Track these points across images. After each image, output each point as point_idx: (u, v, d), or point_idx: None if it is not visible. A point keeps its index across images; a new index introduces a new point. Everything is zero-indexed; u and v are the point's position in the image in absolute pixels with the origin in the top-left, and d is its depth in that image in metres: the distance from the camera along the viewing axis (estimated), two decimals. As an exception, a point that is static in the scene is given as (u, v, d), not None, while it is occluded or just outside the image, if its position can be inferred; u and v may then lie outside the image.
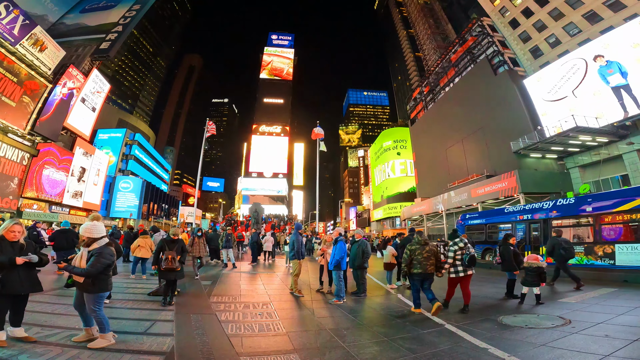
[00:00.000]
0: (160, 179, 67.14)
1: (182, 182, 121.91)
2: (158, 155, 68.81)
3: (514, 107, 25.03)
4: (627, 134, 18.50)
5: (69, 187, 30.90)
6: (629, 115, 18.02)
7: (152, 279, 8.49)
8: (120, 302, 5.97)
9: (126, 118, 75.74)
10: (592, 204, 9.90)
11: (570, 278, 8.06)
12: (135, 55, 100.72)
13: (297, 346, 4.03)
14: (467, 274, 5.86)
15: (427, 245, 5.95)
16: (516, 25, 28.78)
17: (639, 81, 17.53)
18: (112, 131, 52.25)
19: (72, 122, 30.63)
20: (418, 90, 47.07)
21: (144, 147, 58.12)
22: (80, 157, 32.65)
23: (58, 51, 26.63)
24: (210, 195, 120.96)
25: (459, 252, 5.90)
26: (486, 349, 3.82)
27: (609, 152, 19.28)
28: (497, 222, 14.10)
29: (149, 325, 4.66)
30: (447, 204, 26.73)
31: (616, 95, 18.63)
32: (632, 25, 18.20)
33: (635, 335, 3.96)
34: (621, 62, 18.39)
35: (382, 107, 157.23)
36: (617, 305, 5.80)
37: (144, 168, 56.98)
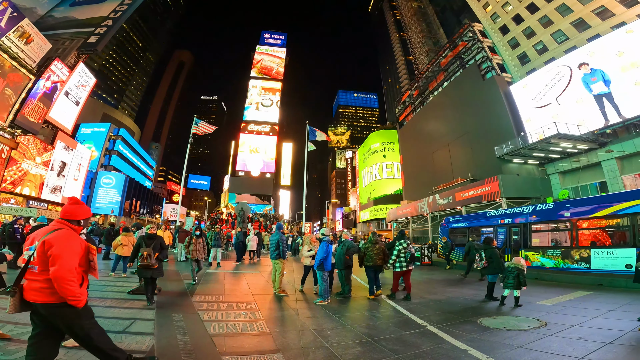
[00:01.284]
0: (144, 176, 65.82)
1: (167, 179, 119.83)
2: (143, 151, 67.42)
3: (499, 113, 25.56)
4: (607, 141, 19.09)
5: (48, 182, 29.94)
6: (610, 124, 18.60)
7: (132, 277, 8.31)
8: (98, 301, 5.83)
9: (111, 113, 73.93)
10: (570, 209, 10.23)
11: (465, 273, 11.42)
12: (124, 50, 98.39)
13: (280, 346, 4.03)
14: (408, 269, 7.28)
15: (378, 243, 7.63)
16: (506, 31, 29.28)
17: (622, 90, 18.02)
18: (95, 125, 50.95)
19: (55, 115, 29.69)
20: (407, 94, 47.58)
21: (128, 143, 56.86)
22: (61, 151, 31.67)
23: (44, 44, 26.06)
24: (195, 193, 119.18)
25: (403, 251, 7.27)
26: (466, 350, 3.91)
27: (588, 159, 19.92)
28: (480, 226, 14.40)
29: (128, 324, 4.57)
30: (432, 206, 27.12)
31: (598, 103, 19.20)
32: (618, 34, 18.70)
33: (608, 338, 4.10)
34: (605, 71, 18.91)
35: (371, 109, 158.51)
36: (592, 308, 6.01)
37: (127, 164, 55.74)
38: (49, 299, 2.51)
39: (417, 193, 35.02)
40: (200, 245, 8.48)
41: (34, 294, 2.52)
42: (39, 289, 2.52)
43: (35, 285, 2.53)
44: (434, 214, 27.12)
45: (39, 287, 2.52)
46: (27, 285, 2.55)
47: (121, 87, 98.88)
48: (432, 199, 27.34)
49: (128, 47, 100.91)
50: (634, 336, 4.14)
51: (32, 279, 2.55)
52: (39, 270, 2.55)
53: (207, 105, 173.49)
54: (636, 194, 8.77)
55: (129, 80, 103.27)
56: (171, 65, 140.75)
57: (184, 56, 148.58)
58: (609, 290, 7.93)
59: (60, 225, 2.77)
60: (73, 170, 34.09)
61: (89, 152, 38.58)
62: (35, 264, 2.55)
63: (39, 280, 2.54)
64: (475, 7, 33.30)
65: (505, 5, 29.56)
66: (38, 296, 2.52)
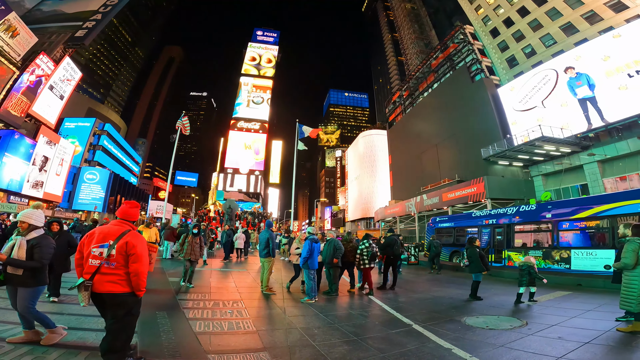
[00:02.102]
0: (130, 172, 64.52)
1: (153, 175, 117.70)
2: (128, 147, 66.06)
3: (486, 115, 26.02)
4: (589, 145, 19.61)
5: (29, 177, 29.05)
6: (592, 127, 19.10)
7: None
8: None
9: (96, 107, 72.26)
10: (552, 211, 10.50)
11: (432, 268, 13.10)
12: (112, 44, 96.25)
13: (267, 345, 4.02)
14: (370, 266, 7.97)
15: (352, 242, 8.51)
16: (496, 34, 29.66)
17: (606, 94, 18.47)
18: (80, 120, 49.77)
19: (38, 109, 28.87)
20: (398, 94, 47.97)
21: (114, 138, 55.66)
22: (43, 145, 30.80)
23: (30, 38, 25.53)
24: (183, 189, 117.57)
25: (365, 250, 7.92)
26: (450, 349, 3.98)
27: (571, 162, 20.47)
28: (465, 226, 14.65)
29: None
30: (420, 206, 27.45)
31: (582, 107, 19.67)
32: (605, 38, 19.08)
33: (586, 337, 4.21)
34: (590, 75, 19.32)
35: (362, 108, 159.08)
36: (571, 308, 6.18)
37: (112, 159, 54.56)
38: (122, 289, 2.91)
39: (405, 193, 35.39)
40: (196, 245, 7.76)
41: (109, 285, 2.87)
42: (115, 281, 2.89)
43: (112, 277, 2.88)
44: (421, 213, 27.45)
45: (116, 280, 2.89)
46: (101, 278, 2.87)
47: (108, 81, 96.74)
48: (420, 199, 27.67)
49: (117, 41, 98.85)
50: (612, 336, 4.27)
51: (107, 273, 2.88)
52: (116, 265, 2.92)
53: (196, 102, 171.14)
54: (616, 197, 9.06)
55: (117, 75, 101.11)
56: (160, 60, 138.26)
57: (174, 52, 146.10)
58: (588, 290, 8.17)
59: (127, 226, 3.15)
60: (55, 165, 33.20)
61: (72, 146, 37.58)
62: (113, 260, 2.91)
63: (117, 274, 2.91)
64: (468, 10, 33.70)
65: (496, 9, 29.97)
66: (113, 287, 2.87)
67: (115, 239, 2.97)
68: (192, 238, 7.74)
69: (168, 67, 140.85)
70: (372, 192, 61.44)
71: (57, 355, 3.24)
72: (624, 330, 4.37)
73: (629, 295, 4.25)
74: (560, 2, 24.01)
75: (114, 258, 2.91)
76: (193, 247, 7.64)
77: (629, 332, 4.29)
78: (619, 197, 8.96)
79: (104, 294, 2.87)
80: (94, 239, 2.98)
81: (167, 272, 9.18)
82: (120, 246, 2.93)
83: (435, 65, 37.49)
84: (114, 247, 2.93)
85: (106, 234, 3.00)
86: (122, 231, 3.04)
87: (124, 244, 2.95)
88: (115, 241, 2.96)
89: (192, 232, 7.97)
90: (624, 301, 4.33)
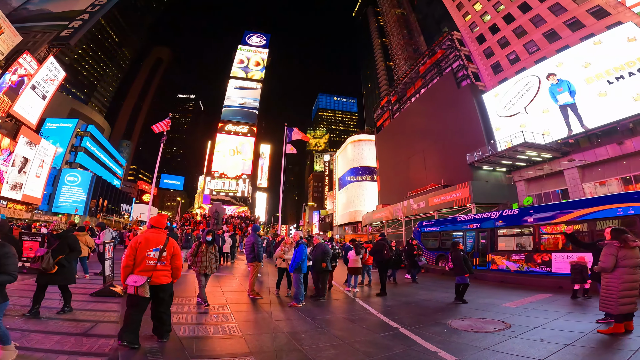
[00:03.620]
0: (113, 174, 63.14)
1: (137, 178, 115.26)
2: (112, 149, 64.69)
3: (472, 121, 26.50)
4: (570, 150, 20.20)
5: (8, 178, 28.03)
6: (573, 133, 19.69)
7: (95, 279, 7.90)
8: (58, 303, 5.49)
9: (79, 108, 70.49)
10: (534, 215, 10.77)
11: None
12: (98, 44, 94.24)
13: (253, 349, 3.96)
14: (332, 268, 8.46)
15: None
16: (482, 40, 30.16)
17: (586, 100, 19.03)
18: (62, 121, 48.53)
19: (19, 109, 28.04)
20: (386, 99, 48.42)
21: (97, 140, 54.45)
22: (23, 146, 29.85)
23: (15, 36, 24.96)
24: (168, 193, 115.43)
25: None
26: (436, 352, 4.00)
27: (552, 167, 21.05)
28: (450, 230, 14.86)
29: (90, 327, 4.37)
30: (407, 211, 27.71)
31: (563, 114, 20.24)
32: (586, 45, 19.62)
33: (567, 339, 4.30)
34: (572, 81, 19.84)
35: (350, 113, 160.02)
36: (553, 310, 6.31)
37: (95, 161, 53.28)
38: (169, 280, 4.05)
39: (393, 197, 35.67)
40: (211, 255, 6.47)
41: (163, 279, 3.95)
42: (166, 275, 4.01)
43: (165, 272, 3.99)
44: (408, 218, 27.72)
45: (167, 274, 4.03)
46: (157, 273, 3.88)
47: (92, 82, 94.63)
48: (407, 203, 27.94)
49: (103, 41, 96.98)
50: (592, 338, 4.37)
51: (162, 269, 3.95)
52: (167, 263, 4.02)
53: (183, 104, 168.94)
54: (595, 202, 9.35)
55: (102, 75, 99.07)
56: (148, 61, 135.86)
57: (162, 53, 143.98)
58: (569, 292, 8.36)
59: (163, 232, 4.19)
60: (35, 166, 32.17)
61: (53, 148, 36.54)
62: (164, 259, 3.98)
63: (167, 269, 4.04)
64: (456, 16, 34.29)
65: (483, 15, 30.56)
66: (165, 279, 3.98)
67: (164, 243, 4.01)
68: (206, 247, 6.49)
69: (155, 69, 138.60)
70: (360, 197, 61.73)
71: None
72: (604, 332, 4.46)
73: (609, 297, 4.35)
74: (544, 9, 24.49)
75: (166, 258, 4.00)
76: (208, 258, 6.40)
77: (609, 334, 4.38)
78: (597, 202, 9.25)
79: (160, 285, 3.91)
80: (147, 245, 3.92)
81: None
82: (169, 248, 4.05)
83: (423, 70, 37.99)
84: (164, 250, 3.98)
85: (150, 239, 3.97)
86: (166, 238, 4.09)
87: (172, 247, 4.09)
88: (164, 245, 3.99)
89: (205, 239, 6.57)
90: (604, 303, 4.43)
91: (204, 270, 6.30)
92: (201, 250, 6.44)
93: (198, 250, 6.49)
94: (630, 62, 17.45)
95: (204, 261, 6.34)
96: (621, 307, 4.25)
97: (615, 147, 18.03)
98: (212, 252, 6.46)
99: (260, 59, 78.48)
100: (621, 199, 8.79)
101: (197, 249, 6.52)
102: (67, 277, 5.08)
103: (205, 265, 6.32)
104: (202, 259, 6.35)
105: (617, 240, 4.39)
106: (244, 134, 69.85)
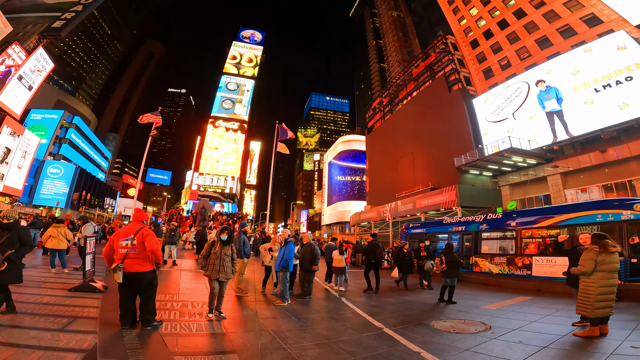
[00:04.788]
0: (98, 167, 61.71)
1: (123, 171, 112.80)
2: (98, 142, 63.23)
3: (461, 125, 26.80)
4: (554, 157, 20.64)
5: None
6: (557, 140, 20.12)
7: (75, 274, 7.71)
8: (35, 298, 5.35)
9: (66, 100, 68.66)
10: (516, 219, 10.99)
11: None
12: (90, 36, 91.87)
13: (237, 347, 3.94)
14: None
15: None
16: (476, 45, 30.41)
17: (573, 108, 19.39)
18: (47, 112, 47.24)
19: (4, 99, 27.31)
20: (378, 100, 48.59)
21: (83, 132, 53.19)
22: (6, 137, 29.01)
23: (5, 27, 24.45)
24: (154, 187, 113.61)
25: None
26: (419, 352, 4.06)
27: (536, 173, 21.54)
28: (436, 232, 15.05)
29: (67, 322, 4.26)
30: (394, 212, 27.94)
31: (549, 120, 20.63)
32: (577, 53, 19.89)
33: (544, 342, 4.41)
34: (560, 88, 20.14)
35: (342, 113, 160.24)
36: (531, 312, 6.46)
37: (79, 154, 52.01)
38: (143, 268, 4.25)
39: (381, 198, 35.89)
40: (227, 257, 5.39)
41: (135, 267, 4.19)
42: (139, 263, 4.23)
43: (137, 261, 4.22)
44: (395, 219, 27.94)
45: (139, 262, 4.24)
46: (129, 262, 4.18)
47: (81, 74, 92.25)
48: (395, 205, 28.16)
49: (95, 33, 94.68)
50: (568, 340, 4.49)
51: (133, 258, 4.21)
52: (138, 251, 4.26)
53: (174, 98, 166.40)
54: (575, 207, 9.61)
55: (91, 67, 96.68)
56: (140, 54, 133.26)
57: (154, 46, 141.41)
58: (547, 295, 8.58)
59: (140, 224, 4.52)
60: (18, 157, 31.31)
61: (36, 139, 35.53)
62: (135, 248, 4.24)
63: (139, 257, 4.25)
64: (452, 21, 34.54)
65: (478, 20, 30.85)
66: (137, 267, 4.21)
67: (134, 233, 4.30)
68: (221, 248, 5.38)
69: (147, 62, 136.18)
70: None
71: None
72: (580, 335, 4.58)
73: (586, 301, 4.47)
74: (539, 16, 24.79)
75: (136, 247, 4.23)
76: (223, 262, 5.32)
77: (585, 336, 4.50)
78: (578, 208, 9.50)
79: (134, 273, 4.17)
80: (119, 236, 4.33)
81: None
82: (138, 238, 4.27)
83: (416, 73, 38.23)
84: (134, 239, 4.25)
85: (126, 232, 4.34)
86: (138, 229, 4.37)
87: (140, 235, 4.29)
88: (134, 235, 4.28)
89: (219, 238, 5.46)
90: (581, 306, 4.55)
91: (216, 276, 5.24)
92: (215, 251, 5.38)
93: (211, 250, 5.44)
94: (618, 70, 17.75)
95: (217, 265, 5.26)
96: (597, 310, 4.38)
97: (598, 154, 18.47)
98: (227, 254, 5.41)
99: (254, 55, 77.92)
100: (601, 205, 9.04)
101: (209, 249, 5.47)
102: (17, 275, 4.51)
103: (218, 269, 5.25)
104: (216, 261, 5.28)
105: (598, 245, 4.51)
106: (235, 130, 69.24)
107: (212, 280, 5.28)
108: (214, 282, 5.27)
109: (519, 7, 26.69)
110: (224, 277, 5.27)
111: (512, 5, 27.53)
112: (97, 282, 6.51)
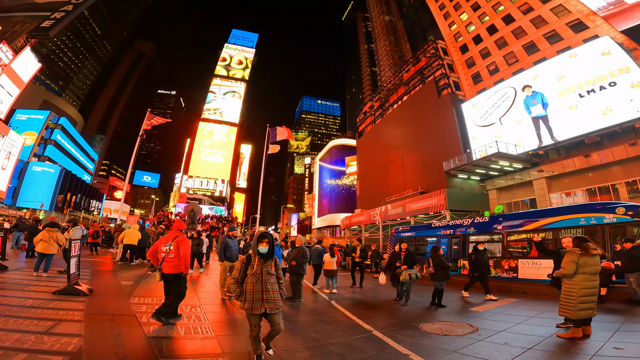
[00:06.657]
0: (84, 169, 60.53)
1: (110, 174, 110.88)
2: (84, 143, 62.11)
3: (450, 129, 27.19)
4: (539, 162, 21.10)
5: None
6: (543, 145, 20.55)
7: (59, 277, 7.53)
8: (18, 301, 5.22)
9: (52, 100, 67.36)
10: (503, 223, 11.19)
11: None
12: (79, 36, 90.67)
13: (226, 350, 3.90)
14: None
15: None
16: (465, 50, 30.86)
17: (557, 113, 19.83)
18: (33, 112, 46.20)
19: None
20: (369, 104, 48.89)
21: (69, 133, 52.16)
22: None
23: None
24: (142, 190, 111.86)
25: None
26: (407, 354, 4.09)
27: (522, 177, 21.98)
28: (425, 236, 15.21)
29: (52, 325, 4.17)
30: (384, 216, 28.08)
31: (535, 125, 21.05)
32: (562, 58, 20.33)
33: (529, 343, 4.49)
34: (545, 94, 20.56)
35: (333, 117, 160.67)
36: (517, 314, 6.57)
37: (65, 155, 50.95)
38: (176, 270, 4.85)
39: (371, 202, 36.02)
40: (270, 277, 3.54)
41: (170, 269, 4.83)
42: (173, 266, 4.84)
43: (171, 264, 4.84)
44: (385, 222, 28.08)
45: (173, 265, 4.84)
46: (166, 264, 4.81)
47: (69, 74, 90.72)
48: (385, 208, 28.31)
49: (84, 33, 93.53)
50: (552, 342, 4.57)
51: (169, 260, 4.83)
52: (174, 256, 4.85)
53: (163, 100, 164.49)
54: (560, 211, 9.84)
55: (79, 67, 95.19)
56: (129, 54, 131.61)
57: (145, 47, 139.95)
58: (533, 297, 8.73)
59: (177, 232, 5.14)
60: (2, 158, 30.51)
61: (21, 139, 34.73)
62: (172, 252, 4.85)
63: (174, 261, 4.85)
64: (442, 26, 35.05)
65: (468, 25, 31.35)
66: (172, 269, 4.83)
67: (172, 240, 4.92)
68: (260, 264, 3.53)
69: (137, 63, 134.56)
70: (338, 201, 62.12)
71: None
72: (563, 337, 4.67)
73: (568, 302, 4.57)
74: (526, 21, 25.31)
75: (173, 251, 4.84)
76: (266, 285, 3.47)
77: (568, 338, 4.59)
78: (562, 212, 9.73)
79: (169, 274, 4.84)
80: (161, 242, 4.98)
81: (120, 276, 8.65)
82: (175, 243, 4.88)
83: (406, 77, 38.50)
84: (171, 244, 4.87)
85: (166, 238, 5.01)
86: (175, 235, 5.01)
87: (176, 242, 4.89)
88: (172, 241, 4.89)
89: (258, 250, 3.57)
90: (564, 308, 4.65)
91: (260, 309, 3.37)
92: (252, 271, 3.50)
93: (246, 271, 3.55)
94: (602, 75, 18.17)
95: (258, 291, 3.42)
96: (580, 312, 4.48)
97: (582, 159, 18.94)
98: (271, 273, 3.56)
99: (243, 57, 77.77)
100: (584, 209, 9.27)
101: (244, 269, 3.56)
102: None
103: (261, 297, 3.40)
104: (256, 286, 3.43)
105: (579, 247, 4.62)
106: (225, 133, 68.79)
107: (252, 315, 3.40)
108: (255, 317, 3.40)
109: (508, 12, 27.27)
110: (270, 308, 3.41)
111: (501, 11, 28.09)
112: (82, 285, 6.37)
